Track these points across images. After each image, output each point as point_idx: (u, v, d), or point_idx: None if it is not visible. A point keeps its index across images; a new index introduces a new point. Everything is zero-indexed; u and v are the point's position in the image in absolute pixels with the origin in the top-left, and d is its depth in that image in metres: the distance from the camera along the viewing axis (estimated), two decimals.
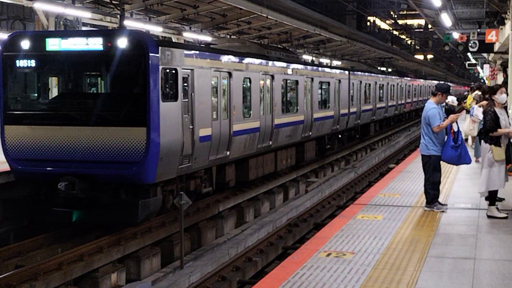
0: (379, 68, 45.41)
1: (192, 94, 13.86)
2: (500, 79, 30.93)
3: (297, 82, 21.29)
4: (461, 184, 13.33)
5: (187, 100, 13.72)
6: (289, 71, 20.62)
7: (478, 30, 24.41)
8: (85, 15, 16.52)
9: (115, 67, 12.75)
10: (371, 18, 68.55)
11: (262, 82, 18.20)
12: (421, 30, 74.27)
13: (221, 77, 15.55)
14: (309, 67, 23.35)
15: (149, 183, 12.55)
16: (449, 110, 18.89)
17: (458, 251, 8.22)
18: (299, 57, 24.55)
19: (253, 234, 14.57)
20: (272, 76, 18.87)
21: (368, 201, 11.76)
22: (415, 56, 68.33)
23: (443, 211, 10.52)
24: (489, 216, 10.02)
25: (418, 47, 75.30)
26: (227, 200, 16.59)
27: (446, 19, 23.41)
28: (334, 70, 27.21)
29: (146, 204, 12.53)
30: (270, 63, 18.92)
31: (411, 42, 76.76)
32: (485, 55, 34.30)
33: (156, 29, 19.83)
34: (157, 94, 12.47)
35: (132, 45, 12.44)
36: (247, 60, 17.25)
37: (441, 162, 10.51)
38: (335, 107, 26.15)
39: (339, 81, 26.89)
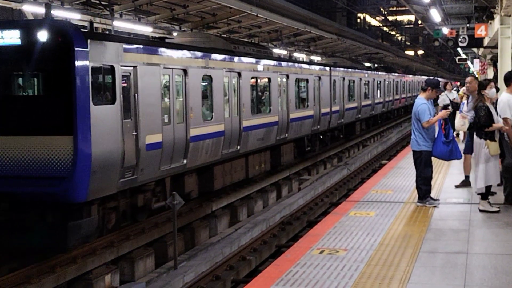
0: (365, 64, 45.08)
1: (136, 95, 12.18)
2: (490, 73, 31.05)
3: (269, 79, 19.70)
4: (453, 179, 13.36)
5: (128, 102, 12.03)
6: (260, 68, 18.96)
7: (468, 25, 24.48)
8: (74, 16, 16.48)
9: (35, 64, 11.04)
10: (361, 15, 68.63)
11: (226, 80, 16.57)
12: (411, 26, 74.46)
13: (174, 75, 13.77)
14: (283, 63, 21.63)
15: (80, 202, 10.82)
16: (456, 106, 18.29)
17: (451, 246, 8.25)
18: (272, 53, 23.11)
19: (247, 233, 14.58)
20: (239, 74, 17.23)
21: (360, 197, 11.78)
22: (406, 52, 68.50)
23: (435, 206, 10.55)
24: (481, 211, 10.05)
25: (409, 43, 75.48)
26: (220, 199, 16.59)
27: (435, 15, 23.48)
28: (313, 67, 25.67)
29: (77, 226, 10.88)
30: (237, 59, 17.25)
31: (401, 38, 76.92)
32: (475, 50, 34.39)
33: (146, 30, 19.79)
34: (86, 97, 10.76)
35: (54, 38, 10.72)
36: (207, 55, 15.46)
37: (432, 157, 10.54)
38: (315, 106, 24.56)
39: (319, 78, 25.33)
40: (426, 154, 10.37)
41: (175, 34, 18.83)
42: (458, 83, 35.52)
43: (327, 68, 27.16)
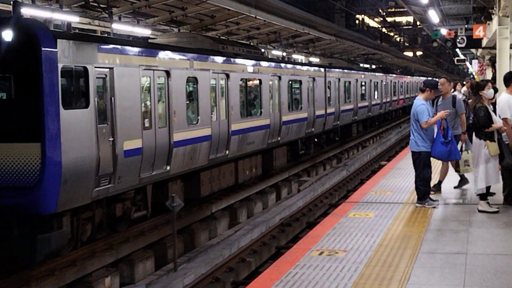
0: (363, 65, 44.71)
1: (112, 98, 11.50)
2: (489, 74, 31.08)
3: (260, 81, 18.95)
4: (452, 179, 13.37)
5: (104, 106, 11.40)
6: (250, 69, 18.20)
7: (466, 26, 24.55)
8: (73, 19, 16.48)
9: None
10: (359, 16, 68.70)
11: (213, 82, 15.82)
12: (410, 27, 74.53)
13: (155, 77, 13.10)
14: (275, 64, 20.91)
15: (49, 213, 10.15)
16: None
17: (450, 247, 8.26)
18: (263, 53, 22.11)
19: (246, 235, 14.58)
20: (227, 75, 16.48)
21: (360, 198, 11.79)
22: (405, 53, 68.53)
23: (434, 207, 10.56)
24: (480, 211, 10.07)
25: (407, 44, 75.51)
26: (219, 201, 16.59)
27: (433, 16, 23.52)
28: (307, 68, 24.85)
29: (46, 240, 10.23)
30: (225, 59, 16.54)
31: (400, 39, 76.97)
32: (473, 50, 34.48)
33: (144, 32, 19.79)
34: (55, 100, 10.10)
35: (20, 37, 10.11)
36: (191, 56, 14.68)
37: (431, 158, 10.56)
38: (309, 108, 23.78)
39: (314, 79, 24.60)
40: (425, 155, 10.38)
41: (159, 34, 18.15)
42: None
43: (322, 69, 26.47)
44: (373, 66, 46.93)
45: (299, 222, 15.95)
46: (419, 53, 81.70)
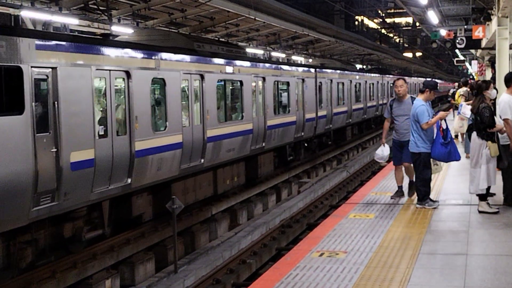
0: (360, 65, 43.91)
1: (56, 103, 10.11)
2: (488, 75, 31.10)
3: (241, 82, 17.56)
4: (452, 180, 13.38)
5: (45, 112, 10.00)
6: (229, 69, 16.77)
7: (465, 26, 24.57)
8: (72, 21, 16.50)
9: None
10: (359, 18, 68.72)
11: (185, 83, 14.50)
12: (409, 28, 74.56)
13: (112, 78, 11.64)
14: (259, 65, 19.50)
15: None
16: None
17: (450, 247, 8.26)
18: (246, 52, 20.56)
19: (247, 236, 14.60)
20: (202, 76, 15.07)
21: (360, 200, 11.79)
22: (404, 54, 68.56)
23: (434, 208, 10.56)
24: (480, 212, 10.07)
25: (407, 45, 75.54)
26: (219, 203, 16.60)
27: (433, 17, 23.53)
28: (295, 68, 23.26)
29: None
30: (199, 59, 15.16)
31: (399, 40, 76.99)
32: (472, 51, 34.48)
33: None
34: None
35: None
36: (158, 55, 13.33)
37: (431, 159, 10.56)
38: (298, 112, 22.41)
39: (303, 80, 23.22)
40: (425, 156, 10.38)
41: (130, 31, 16.72)
42: (456, 84, 35.51)
43: (312, 70, 25.10)
44: (369, 67, 46.52)
45: (300, 223, 15.97)
46: (418, 54, 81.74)
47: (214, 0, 18.13)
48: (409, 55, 73.43)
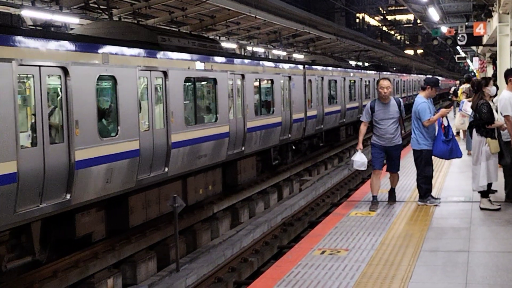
0: (357, 62, 43.12)
1: None
2: (490, 71, 31.06)
3: (215, 80, 15.78)
4: (454, 177, 13.38)
5: None
6: (200, 66, 14.93)
7: (466, 23, 24.52)
8: (73, 20, 16.50)
9: None
10: (359, 15, 68.70)
11: (143, 82, 12.78)
12: (410, 25, 74.55)
13: (43, 76, 9.84)
14: (237, 61, 17.52)
15: None
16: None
17: (452, 245, 8.25)
18: (222, 47, 18.26)
19: (248, 235, 14.60)
20: (165, 73, 13.32)
21: (361, 197, 11.78)
22: (405, 51, 68.53)
23: (436, 205, 10.55)
24: (482, 209, 10.06)
25: (408, 42, 75.52)
26: (221, 201, 16.59)
27: (433, 14, 23.50)
28: (281, 65, 21.29)
29: None
30: (161, 54, 13.34)
31: (400, 38, 76.97)
32: (474, 48, 34.43)
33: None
34: None
35: None
36: (106, 49, 11.42)
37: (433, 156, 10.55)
38: (284, 112, 20.67)
39: (289, 78, 21.48)
40: (427, 153, 10.37)
41: (87, 23, 15.30)
42: (458, 82, 35.48)
43: (300, 67, 23.16)
44: (365, 64, 45.75)
45: (301, 221, 15.97)
46: (420, 51, 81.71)
47: None
48: (410, 52, 73.38)
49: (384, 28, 72.45)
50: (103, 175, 11.11)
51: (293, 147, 23.12)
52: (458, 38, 25.01)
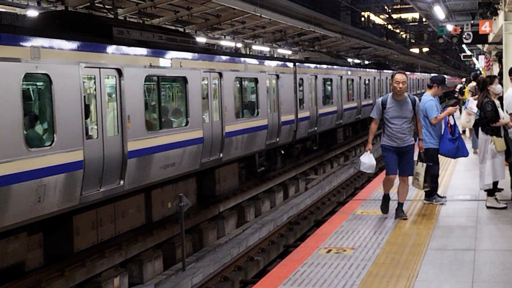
0: (364, 60, 42.26)
1: None
2: (495, 69, 30.99)
3: (185, 79, 14.04)
4: (460, 176, 13.36)
5: None
6: (165, 63, 13.31)
7: (472, 21, 24.47)
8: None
9: None
10: (365, 14, 68.65)
11: (89, 81, 11.05)
12: (416, 23, 74.39)
13: None
14: (214, 57, 15.71)
15: None
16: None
17: (458, 243, 8.25)
18: (196, 42, 16.39)
19: (254, 234, 14.61)
20: (119, 71, 11.61)
21: (367, 196, 11.78)
22: (411, 50, 68.42)
23: (442, 204, 10.55)
24: (488, 207, 10.06)
25: (413, 41, 75.40)
26: (227, 200, 16.61)
27: (439, 12, 23.46)
28: (266, 62, 19.50)
29: None
30: (113, 49, 11.61)
31: (406, 36, 76.86)
32: (479, 46, 34.34)
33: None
34: None
35: None
36: (36, 42, 9.69)
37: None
38: (271, 114, 19.07)
39: (277, 76, 19.85)
40: (433, 151, 10.36)
41: (29, 13, 13.63)
42: (464, 80, 35.37)
43: (290, 64, 21.53)
44: (367, 62, 44.96)
45: (307, 220, 15.97)
46: (425, 49, 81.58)
47: None
48: (415, 50, 73.26)
49: (390, 26, 72.32)
50: (32, 193, 9.46)
51: (282, 152, 21.52)
52: (464, 36, 24.94)
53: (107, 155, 11.12)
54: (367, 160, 9.62)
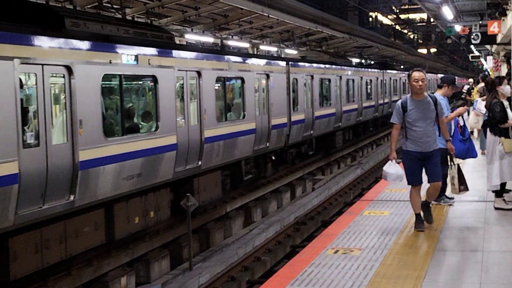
0: (369, 60, 41.58)
1: None
2: (504, 70, 30.87)
3: (154, 79, 12.50)
4: (468, 177, 13.24)
5: None
6: (128, 59, 11.64)
7: (480, 22, 24.36)
8: None
9: None
10: (372, 14, 68.50)
11: (29, 80, 9.66)
12: (424, 24, 74.20)
13: None
14: (190, 55, 14.19)
15: None
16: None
17: (466, 244, 8.23)
18: (171, 37, 14.69)
19: (261, 234, 14.60)
20: (69, 69, 10.13)
21: (374, 197, 11.76)
22: (419, 50, 68.25)
23: (450, 205, 10.51)
24: (496, 208, 10.02)
25: (421, 41, 75.20)
26: (234, 200, 16.61)
27: (447, 12, 23.38)
28: (253, 61, 17.93)
29: None
30: (62, 43, 10.09)
31: (413, 37, 76.67)
32: (488, 46, 34.22)
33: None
34: None
35: None
36: None
37: None
38: (260, 117, 17.62)
39: (267, 76, 18.41)
40: (442, 152, 10.31)
41: None
42: (472, 80, 35.28)
43: (282, 63, 20.14)
44: (371, 61, 44.35)
45: (314, 220, 15.96)
46: (433, 50, 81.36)
47: None
48: (423, 51, 73.06)
49: (397, 27, 72.16)
50: None
51: (273, 158, 19.87)
52: (472, 37, 24.86)
53: (52, 166, 9.64)
54: (393, 169, 8.96)
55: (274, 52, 28.83)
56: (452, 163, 9.29)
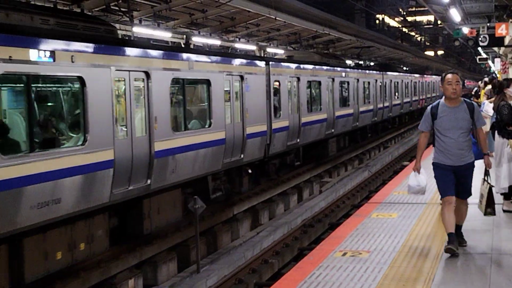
0: (369, 61, 41.00)
1: None
2: (511, 72, 30.81)
3: (82, 81, 10.16)
4: (475, 179, 13.22)
5: None
6: (43, 56, 9.33)
7: (488, 24, 24.31)
8: None
9: None
10: (379, 16, 68.47)
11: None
12: (431, 26, 74.13)
13: None
14: (135, 52, 11.73)
15: None
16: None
17: (474, 247, 8.19)
18: (112, 30, 12.35)
19: (269, 236, 14.59)
20: None
21: (382, 199, 11.74)
22: (426, 52, 68.18)
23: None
24: (504, 211, 9.99)
25: (428, 44, 75.11)
26: (241, 202, 16.60)
27: (455, 14, 23.34)
28: (223, 60, 15.58)
29: None
30: None
31: (421, 39, 76.58)
32: (495, 49, 34.15)
33: (165, 35, 19.90)
34: None
35: None
36: None
37: None
38: (231, 125, 15.41)
39: (241, 78, 16.11)
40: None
41: None
42: (480, 83, 35.25)
43: (261, 63, 17.75)
44: (370, 63, 43.27)
45: (322, 223, 15.94)
46: (440, 52, 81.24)
47: (235, 0, 18.15)
48: (431, 53, 72.96)
49: (404, 29, 72.09)
50: None
51: (250, 171, 17.44)
52: (480, 39, 24.80)
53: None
54: (415, 182, 8.29)
55: (254, 51, 25.50)
56: (486, 179, 8.35)
